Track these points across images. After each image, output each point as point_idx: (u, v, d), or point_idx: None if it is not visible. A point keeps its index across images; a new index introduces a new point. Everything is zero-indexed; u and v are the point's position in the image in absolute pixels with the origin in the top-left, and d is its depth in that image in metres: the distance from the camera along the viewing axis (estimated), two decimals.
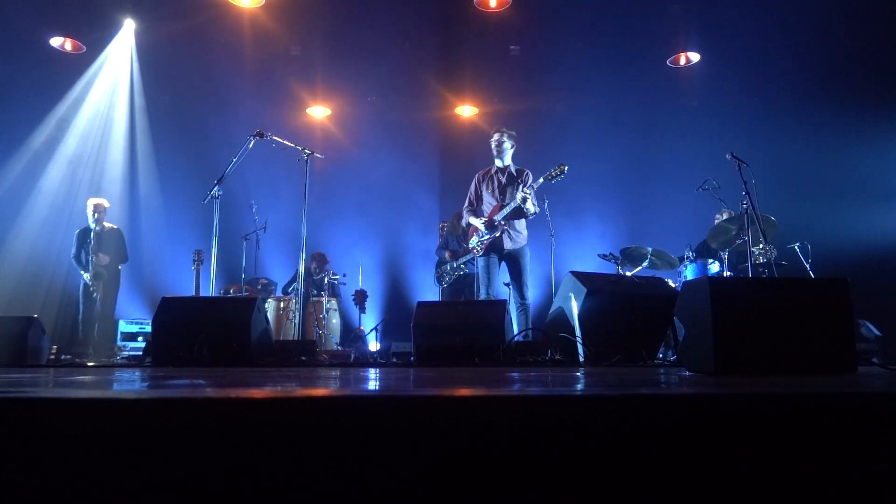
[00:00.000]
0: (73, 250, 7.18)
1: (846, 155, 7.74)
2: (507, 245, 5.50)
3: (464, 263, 7.26)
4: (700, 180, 6.07)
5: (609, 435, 1.15)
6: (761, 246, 5.56)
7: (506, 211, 5.44)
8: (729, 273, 6.05)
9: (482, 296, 5.58)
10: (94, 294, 6.98)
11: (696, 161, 7.66)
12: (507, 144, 5.64)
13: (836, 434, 1.18)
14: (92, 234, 7.05)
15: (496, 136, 5.68)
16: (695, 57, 8.61)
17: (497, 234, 5.48)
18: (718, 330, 2.36)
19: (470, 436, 1.14)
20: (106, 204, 7.30)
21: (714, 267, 6.11)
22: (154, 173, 9.35)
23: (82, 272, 7.04)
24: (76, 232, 7.24)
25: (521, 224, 5.58)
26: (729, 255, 6.13)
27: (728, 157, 5.25)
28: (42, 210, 8.63)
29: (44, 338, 4.99)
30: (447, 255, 7.44)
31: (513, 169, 5.68)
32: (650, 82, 8.82)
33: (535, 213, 5.49)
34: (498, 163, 5.70)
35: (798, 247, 5.99)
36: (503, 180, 5.65)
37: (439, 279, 7.46)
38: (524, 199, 5.28)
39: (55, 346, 6.49)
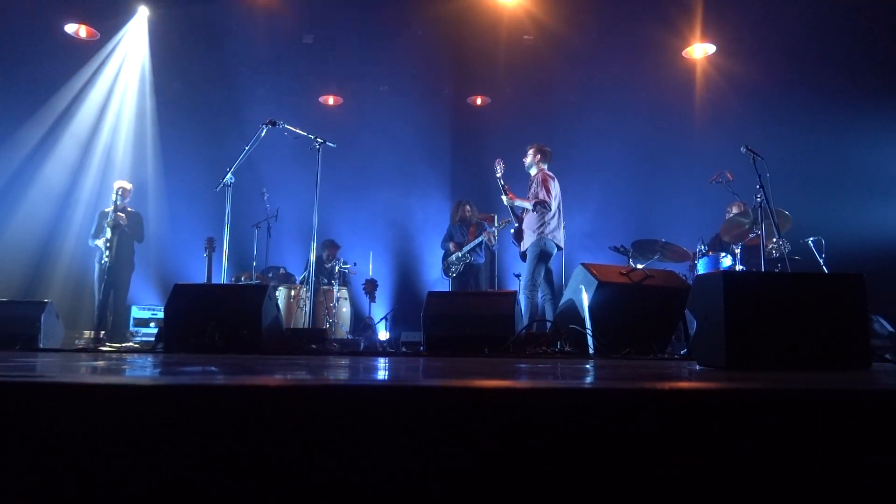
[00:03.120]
0: (93, 229, 7.23)
1: (862, 149, 7.65)
2: (523, 245, 6.00)
3: (468, 252, 7.24)
4: (714, 173, 6.02)
5: (619, 428, 1.15)
6: (775, 240, 5.51)
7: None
8: (741, 267, 6.01)
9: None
10: (108, 254, 6.90)
11: (710, 154, 7.59)
12: (532, 154, 6.15)
13: (849, 431, 1.17)
14: (112, 210, 7.11)
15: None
16: (710, 48, 8.51)
17: (512, 231, 6.23)
18: (731, 324, 2.35)
19: (479, 427, 1.14)
20: (129, 187, 7.35)
21: (727, 261, 6.07)
22: (166, 161, 9.38)
23: (96, 244, 7.08)
24: (98, 212, 7.33)
25: (527, 225, 5.95)
26: (742, 248, 6.09)
27: (743, 149, 5.19)
28: (54, 196, 8.70)
29: (57, 322, 5.04)
30: (451, 246, 7.41)
31: (531, 175, 6.20)
32: (665, 73, 8.74)
33: (531, 209, 5.91)
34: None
35: (812, 241, 5.93)
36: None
37: (446, 271, 7.45)
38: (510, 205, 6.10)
39: (75, 333, 6.56)
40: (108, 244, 6.94)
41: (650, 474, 1.12)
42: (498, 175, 6.13)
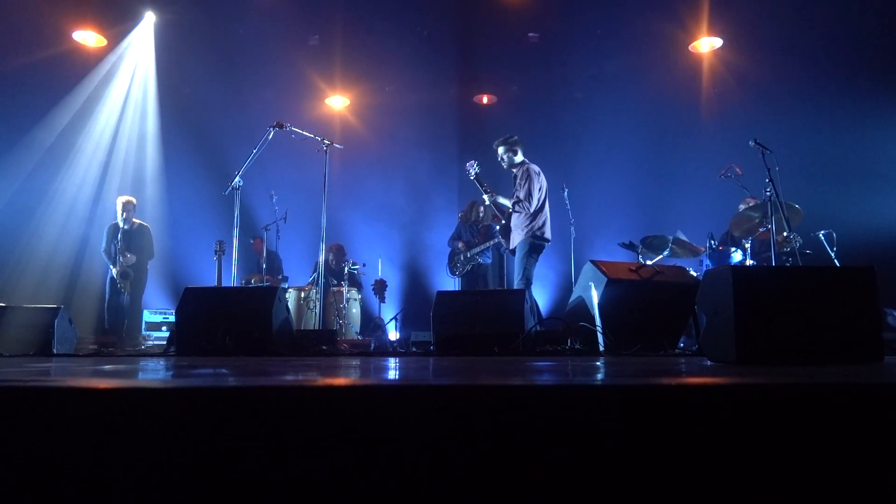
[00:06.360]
0: (104, 244, 7.45)
1: (872, 141, 7.58)
2: (512, 243, 5.94)
3: (477, 254, 7.24)
4: (722, 167, 5.99)
5: (630, 424, 1.15)
6: (785, 234, 5.47)
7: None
8: (752, 262, 5.97)
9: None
10: (122, 290, 7.23)
11: (719, 148, 7.55)
12: (501, 151, 6.10)
13: (863, 425, 1.17)
14: (120, 232, 7.24)
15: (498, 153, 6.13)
16: (717, 42, 8.47)
17: (498, 228, 6.33)
18: (741, 319, 2.33)
19: (490, 425, 1.14)
20: (134, 201, 7.51)
21: (737, 255, 6.04)
22: (175, 165, 9.43)
23: (111, 266, 7.27)
24: (107, 227, 7.51)
25: (515, 224, 5.90)
26: (752, 243, 6.05)
27: (751, 143, 5.17)
28: (66, 202, 8.77)
29: (70, 328, 5.08)
30: (460, 245, 7.41)
31: (513, 172, 6.07)
32: (671, 68, 8.70)
33: (511, 208, 5.90)
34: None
35: (823, 235, 5.88)
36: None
37: (452, 269, 7.45)
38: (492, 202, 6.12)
39: (88, 338, 6.65)
40: (121, 285, 7.20)
41: (661, 470, 1.12)
42: (472, 177, 6.15)
